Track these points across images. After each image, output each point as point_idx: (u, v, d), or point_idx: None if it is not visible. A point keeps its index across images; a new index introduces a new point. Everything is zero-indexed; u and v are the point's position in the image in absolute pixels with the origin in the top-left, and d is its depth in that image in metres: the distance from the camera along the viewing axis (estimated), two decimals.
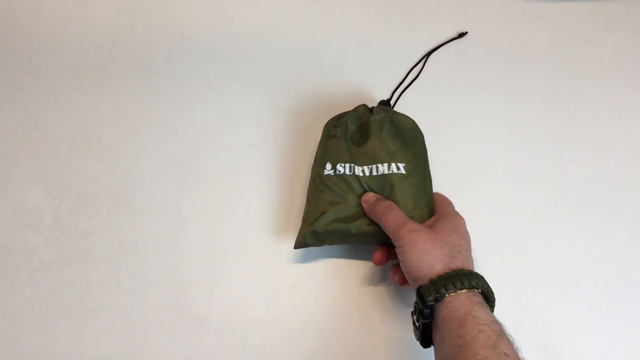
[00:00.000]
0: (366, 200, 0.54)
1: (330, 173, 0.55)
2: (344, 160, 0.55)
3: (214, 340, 0.56)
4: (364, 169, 0.55)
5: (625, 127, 0.68)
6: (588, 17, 0.75)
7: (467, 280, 0.45)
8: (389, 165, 0.55)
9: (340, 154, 0.56)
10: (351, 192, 0.55)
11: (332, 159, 0.56)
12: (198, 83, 0.70)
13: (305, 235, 0.55)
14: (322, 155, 0.57)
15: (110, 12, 0.75)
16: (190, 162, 0.65)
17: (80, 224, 0.61)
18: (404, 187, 0.54)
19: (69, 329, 0.57)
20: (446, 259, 0.46)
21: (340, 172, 0.55)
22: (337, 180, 0.55)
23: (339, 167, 0.55)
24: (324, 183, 0.55)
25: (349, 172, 0.55)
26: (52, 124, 0.67)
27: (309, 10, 0.75)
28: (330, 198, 0.55)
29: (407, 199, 0.54)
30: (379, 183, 0.55)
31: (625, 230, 0.62)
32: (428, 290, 0.44)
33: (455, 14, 0.75)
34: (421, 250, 0.47)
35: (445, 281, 0.44)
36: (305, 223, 0.55)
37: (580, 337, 0.57)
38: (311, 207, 0.55)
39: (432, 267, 0.46)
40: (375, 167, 0.55)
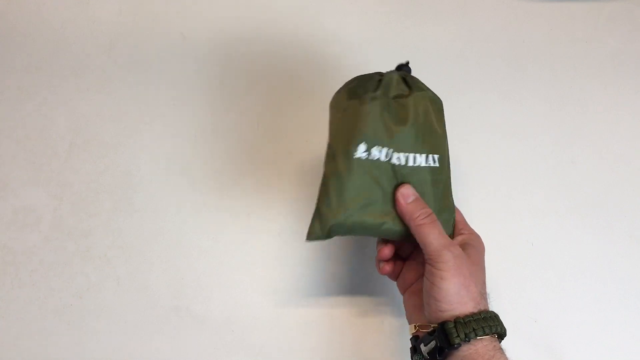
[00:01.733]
0: (405, 196, 0.46)
1: (362, 156, 0.46)
2: (382, 143, 0.46)
3: (214, 340, 0.56)
4: (400, 157, 0.47)
5: (625, 127, 0.68)
6: (588, 17, 0.75)
7: (494, 326, 0.43)
8: (427, 157, 0.47)
9: (377, 135, 0.46)
10: (384, 181, 0.46)
11: (368, 140, 0.46)
12: (198, 83, 0.70)
13: (325, 227, 0.46)
14: (354, 131, 0.47)
15: (110, 12, 0.75)
16: (190, 162, 0.65)
17: (80, 224, 0.61)
18: (436, 184, 0.48)
19: (69, 329, 0.57)
20: (478, 298, 0.44)
21: (374, 158, 0.46)
22: (370, 165, 0.46)
23: (375, 151, 0.46)
24: (353, 166, 0.46)
25: (385, 157, 0.46)
26: (52, 124, 0.67)
27: (309, 10, 0.75)
28: (360, 186, 0.46)
29: (437, 197, 0.48)
30: (414, 176, 0.47)
31: (625, 230, 0.62)
32: (456, 332, 0.41)
33: (455, 14, 0.75)
34: (462, 283, 0.43)
35: (476, 325, 0.42)
36: (327, 212, 0.46)
37: (580, 337, 0.57)
38: (335, 193, 0.46)
39: (464, 305, 0.43)
40: (412, 157, 0.47)
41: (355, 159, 0.46)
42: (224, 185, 0.64)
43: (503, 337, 0.45)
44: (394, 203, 0.47)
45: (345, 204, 0.46)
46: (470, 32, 0.74)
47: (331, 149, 0.48)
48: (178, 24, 0.74)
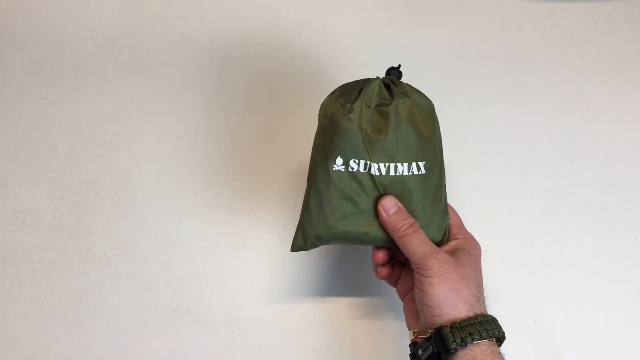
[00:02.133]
0: (386, 209, 0.47)
1: (340, 169, 0.47)
2: (359, 155, 0.46)
3: (214, 340, 0.56)
4: (381, 167, 0.47)
5: (625, 127, 0.68)
6: (588, 17, 0.75)
7: (491, 330, 0.43)
8: (409, 165, 0.47)
9: (355, 148, 0.46)
10: (363, 193, 0.47)
11: (345, 153, 0.46)
12: (198, 83, 0.70)
13: (307, 239, 0.48)
14: (332, 145, 0.47)
15: (110, 12, 0.75)
16: (190, 162, 0.65)
17: (80, 224, 0.61)
18: (423, 190, 0.48)
19: (69, 329, 0.57)
20: (472, 301, 0.44)
21: (353, 170, 0.47)
22: (348, 178, 0.47)
23: (352, 164, 0.47)
24: (331, 180, 0.47)
25: (364, 169, 0.47)
26: (52, 124, 0.67)
27: (309, 10, 0.75)
28: (339, 199, 0.47)
29: (425, 204, 0.48)
30: (396, 185, 0.47)
31: (626, 230, 0.62)
32: (452, 336, 0.41)
33: (455, 14, 0.75)
34: (450, 287, 0.43)
35: (472, 329, 0.42)
36: (307, 224, 0.48)
37: (580, 337, 0.57)
38: (314, 206, 0.47)
39: (457, 308, 0.43)
40: (393, 167, 0.47)
41: (333, 172, 0.47)
42: (224, 185, 0.64)
43: (502, 341, 0.45)
44: (377, 213, 0.47)
45: (325, 216, 0.47)
46: (470, 32, 0.74)
47: (312, 161, 0.49)
48: (178, 24, 0.74)
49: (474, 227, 0.61)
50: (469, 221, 0.59)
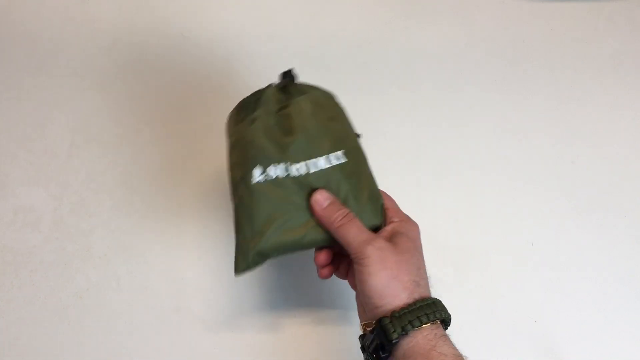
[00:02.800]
0: (319, 202, 0.46)
1: (260, 180, 0.46)
2: (275, 160, 0.46)
3: (214, 340, 0.56)
4: (300, 167, 0.46)
5: (625, 127, 0.68)
6: (588, 17, 0.75)
7: (432, 313, 0.41)
8: (327, 158, 0.46)
9: (268, 154, 0.46)
10: (291, 197, 0.46)
11: (261, 162, 0.46)
12: (198, 83, 0.70)
13: (248, 258, 0.46)
14: (245, 159, 0.47)
15: (110, 12, 0.75)
16: (190, 162, 0.65)
17: (80, 224, 0.61)
18: (348, 178, 0.47)
19: (69, 329, 0.57)
20: (411, 287, 0.42)
21: (272, 177, 0.46)
22: (271, 186, 0.46)
23: (271, 172, 0.46)
24: (254, 194, 0.46)
25: (283, 173, 0.46)
26: (52, 124, 0.67)
27: (309, 10, 0.75)
28: (268, 209, 0.46)
29: (355, 191, 0.47)
30: (320, 180, 0.46)
31: (626, 230, 0.62)
32: (392, 326, 0.41)
33: (455, 14, 0.75)
34: (389, 275, 0.42)
35: (411, 316, 0.41)
36: (244, 244, 0.47)
37: (580, 337, 0.57)
38: (246, 224, 0.47)
39: (397, 297, 0.42)
40: (312, 163, 0.46)
41: (254, 185, 0.46)
42: (224, 185, 0.63)
43: (448, 323, 0.44)
44: (311, 213, 0.46)
45: (260, 230, 0.46)
46: (470, 32, 0.74)
47: (232, 180, 0.49)
48: (178, 24, 0.74)
49: (474, 227, 0.61)
50: (469, 221, 0.60)
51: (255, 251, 0.46)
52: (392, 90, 0.69)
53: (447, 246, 0.61)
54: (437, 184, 0.63)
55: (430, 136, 0.65)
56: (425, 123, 0.61)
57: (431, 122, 0.63)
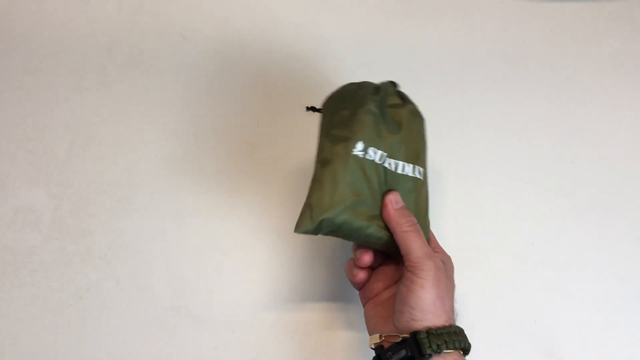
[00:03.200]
0: (393, 202, 0.47)
1: (359, 154, 0.46)
2: (378, 145, 0.47)
3: (214, 340, 0.56)
4: (392, 163, 0.48)
5: (625, 127, 0.68)
6: (588, 17, 0.75)
7: (462, 341, 0.44)
8: (414, 167, 0.49)
9: (374, 137, 0.47)
10: (374, 183, 0.47)
11: (366, 139, 0.46)
12: (198, 83, 0.70)
13: (317, 220, 0.45)
14: (355, 127, 0.47)
15: (110, 12, 0.75)
16: (190, 162, 0.65)
17: (80, 224, 0.61)
18: (418, 195, 0.49)
19: (69, 329, 0.57)
20: (450, 312, 0.45)
21: (370, 158, 0.46)
22: (364, 164, 0.46)
23: (371, 152, 0.47)
24: (350, 162, 0.46)
25: (379, 160, 0.47)
26: (52, 124, 0.67)
27: (309, 10, 0.75)
28: (354, 184, 0.46)
29: (418, 209, 0.49)
30: (400, 184, 0.48)
31: (625, 230, 0.62)
32: (428, 342, 0.42)
33: (455, 14, 0.75)
34: (437, 294, 0.44)
35: (447, 337, 0.42)
36: (319, 205, 0.45)
37: (580, 337, 0.57)
38: (330, 186, 0.45)
39: (438, 316, 0.43)
40: (402, 165, 0.48)
41: (352, 155, 0.46)
42: (224, 185, 0.64)
43: (467, 353, 0.45)
44: (381, 208, 0.47)
45: (340, 199, 0.45)
46: (470, 32, 0.74)
47: (328, 141, 0.48)
48: (178, 24, 0.74)
49: (473, 227, 0.61)
50: (469, 221, 0.60)
51: (326, 216, 0.45)
52: None
53: (447, 246, 0.60)
54: (436, 183, 0.63)
55: (430, 136, 0.65)
56: (425, 122, 0.61)
57: (431, 122, 0.63)
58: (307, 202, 0.46)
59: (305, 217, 0.45)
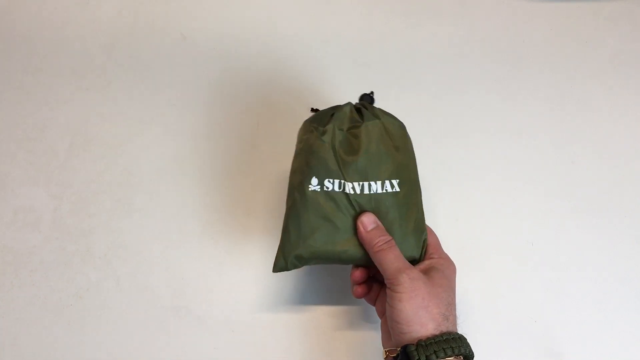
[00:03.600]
0: (365, 225, 0.48)
1: (316, 189, 0.48)
2: (333, 175, 0.48)
3: (214, 340, 0.56)
4: (355, 186, 0.49)
5: (625, 127, 0.68)
6: (588, 17, 0.75)
7: (457, 347, 0.43)
8: (382, 183, 0.49)
9: (329, 168, 0.49)
10: (340, 211, 0.48)
11: (319, 174, 0.49)
12: (198, 83, 0.70)
13: (288, 259, 0.49)
14: (307, 167, 0.49)
15: (110, 12, 0.75)
16: (190, 162, 0.65)
17: (80, 224, 0.61)
18: (398, 207, 0.49)
19: (69, 329, 0.57)
20: (439, 320, 0.44)
21: (328, 189, 0.48)
22: (324, 197, 0.48)
23: (327, 183, 0.48)
24: (308, 200, 0.48)
25: (339, 188, 0.48)
26: (52, 124, 0.67)
27: (309, 10, 0.75)
28: (316, 218, 0.48)
29: (401, 221, 0.49)
30: (371, 203, 0.49)
31: (626, 230, 0.62)
32: (417, 354, 0.42)
33: (455, 14, 0.75)
34: (419, 304, 0.44)
35: (437, 347, 0.42)
36: (288, 245, 0.49)
37: (580, 337, 0.57)
38: (293, 227, 0.49)
39: (425, 326, 0.43)
40: (367, 185, 0.49)
41: (309, 192, 0.48)
42: (224, 185, 0.64)
43: (470, 359, 0.45)
44: (354, 231, 0.48)
45: (304, 236, 0.48)
46: (470, 32, 0.74)
47: (290, 183, 0.51)
48: (178, 24, 0.74)
49: (473, 227, 0.61)
50: (469, 221, 0.59)
51: (295, 254, 0.48)
52: (393, 90, 0.69)
53: (447, 246, 0.60)
54: (436, 183, 0.63)
55: (430, 136, 0.65)
56: (425, 123, 0.61)
57: (431, 122, 0.63)
58: (279, 246, 0.50)
59: (278, 259, 0.49)
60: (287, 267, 0.49)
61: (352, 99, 0.68)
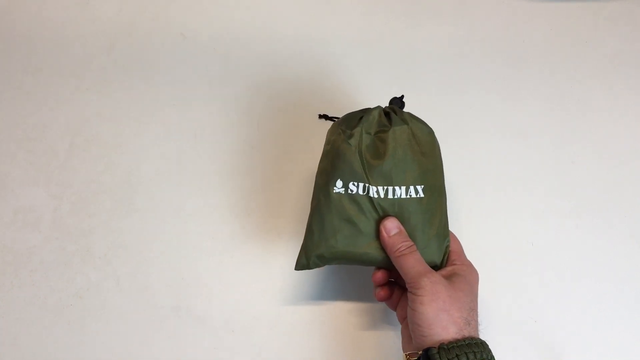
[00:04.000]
0: (387, 229, 0.48)
1: (340, 191, 0.49)
2: (358, 178, 0.49)
3: (214, 340, 0.56)
4: (379, 190, 0.49)
5: (625, 127, 0.68)
6: (588, 17, 0.75)
7: (479, 352, 0.43)
8: (407, 189, 0.49)
9: (354, 171, 0.49)
10: (363, 214, 0.49)
11: (344, 176, 0.49)
12: (198, 83, 0.70)
13: (310, 258, 0.50)
14: (332, 169, 0.50)
15: (110, 12, 0.75)
16: (190, 162, 0.65)
17: (80, 224, 0.61)
18: (421, 213, 0.50)
19: (69, 329, 0.57)
20: (461, 324, 0.44)
21: (352, 192, 0.49)
22: (348, 200, 0.49)
23: (352, 186, 0.49)
24: (332, 202, 0.49)
25: (362, 192, 0.49)
26: (52, 124, 0.67)
27: (309, 10, 0.75)
28: (339, 220, 0.49)
29: (424, 227, 0.50)
30: (394, 207, 0.49)
31: (625, 230, 0.62)
32: (439, 357, 0.42)
33: (455, 14, 0.75)
34: (440, 307, 0.44)
35: (459, 351, 0.42)
36: (310, 244, 0.50)
37: (580, 337, 0.57)
38: (317, 227, 0.50)
39: (446, 329, 0.43)
40: (392, 190, 0.49)
41: (333, 194, 0.49)
42: (224, 185, 0.64)
43: None
44: (377, 234, 0.49)
45: (326, 236, 0.49)
46: (470, 32, 0.74)
47: (315, 186, 0.52)
48: (178, 24, 0.74)
49: (474, 227, 0.61)
50: (469, 222, 0.59)
51: (317, 253, 0.50)
52: (393, 90, 0.69)
53: None
54: None
55: None
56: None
57: (431, 122, 0.63)
58: (302, 245, 0.51)
59: (301, 257, 0.51)
60: (309, 266, 0.50)
61: (352, 98, 0.68)
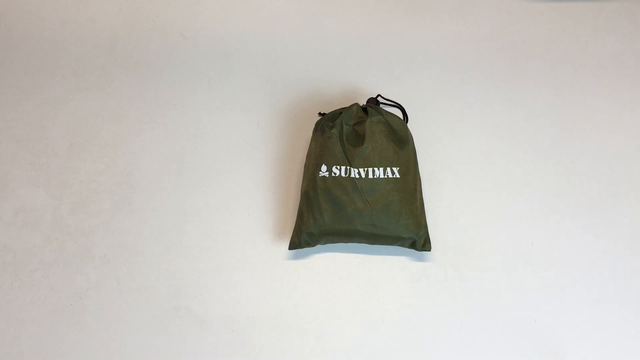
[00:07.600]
0: None
1: (325, 175, 0.56)
2: (340, 162, 0.57)
3: (214, 340, 0.56)
4: (360, 171, 0.56)
5: (625, 127, 0.68)
6: (588, 17, 0.75)
7: None
8: (384, 169, 0.57)
9: (336, 156, 0.57)
10: (346, 194, 0.55)
11: (328, 161, 0.57)
12: (198, 83, 0.70)
13: (300, 236, 0.56)
14: (317, 156, 0.58)
15: (110, 12, 0.75)
16: (190, 162, 0.65)
17: (80, 224, 0.61)
18: (399, 191, 0.56)
19: (69, 329, 0.57)
20: None
21: (335, 174, 0.56)
22: (332, 182, 0.56)
23: (335, 169, 0.56)
24: (318, 184, 0.56)
25: (345, 174, 0.56)
26: (52, 124, 0.67)
27: (309, 10, 0.75)
28: (325, 200, 0.55)
29: (403, 202, 0.56)
30: (374, 186, 0.56)
31: (625, 230, 0.62)
32: None
33: (455, 14, 0.75)
34: None
35: None
36: (300, 224, 0.56)
37: (580, 337, 0.57)
38: (305, 208, 0.56)
39: None
40: (371, 170, 0.56)
41: (319, 177, 0.56)
42: (224, 185, 0.64)
43: None
44: (361, 210, 0.55)
45: (315, 216, 0.55)
46: (470, 32, 0.74)
47: (304, 173, 0.59)
48: (178, 24, 0.74)
49: (474, 227, 0.61)
50: (469, 221, 0.60)
51: (307, 231, 0.55)
52: (393, 90, 0.69)
53: (447, 246, 0.61)
54: (437, 183, 0.63)
55: (429, 136, 0.65)
56: (425, 122, 0.61)
57: (431, 122, 0.63)
58: (294, 228, 0.57)
59: (293, 238, 0.57)
60: (301, 245, 0.56)
61: (352, 98, 0.68)
